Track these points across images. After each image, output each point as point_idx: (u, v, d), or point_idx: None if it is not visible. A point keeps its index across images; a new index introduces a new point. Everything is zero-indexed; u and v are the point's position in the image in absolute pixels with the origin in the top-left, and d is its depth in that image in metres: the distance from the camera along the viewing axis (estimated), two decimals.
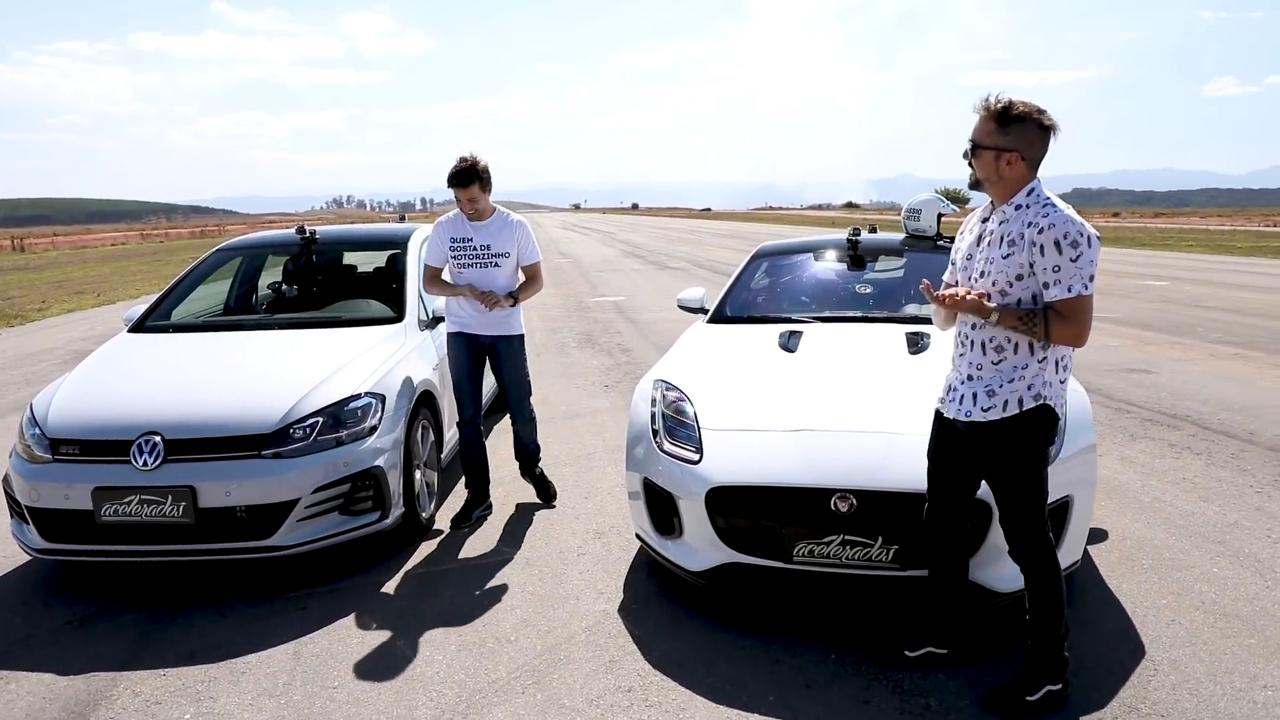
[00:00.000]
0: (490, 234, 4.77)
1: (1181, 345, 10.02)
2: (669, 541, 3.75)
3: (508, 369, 4.92)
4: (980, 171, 2.87)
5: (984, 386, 2.92)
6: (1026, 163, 2.82)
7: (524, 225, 4.86)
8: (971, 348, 2.96)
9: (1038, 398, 2.86)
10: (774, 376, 4.15)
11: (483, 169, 4.62)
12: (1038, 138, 2.81)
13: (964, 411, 2.96)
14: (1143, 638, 3.45)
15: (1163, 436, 6.27)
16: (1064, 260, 2.74)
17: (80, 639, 3.71)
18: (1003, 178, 2.84)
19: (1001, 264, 2.84)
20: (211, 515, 3.88)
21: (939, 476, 3.17)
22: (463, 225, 4.77)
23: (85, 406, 4.16)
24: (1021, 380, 2.86)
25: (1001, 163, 2.81)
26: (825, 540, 3.36)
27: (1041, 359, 2.86)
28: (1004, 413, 2.87)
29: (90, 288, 21.65)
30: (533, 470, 5.20)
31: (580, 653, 3.48)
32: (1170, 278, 18.60)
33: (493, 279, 4.76)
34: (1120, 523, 4.63)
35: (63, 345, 12.07)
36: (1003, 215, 2.88)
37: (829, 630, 3.55)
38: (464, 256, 4.75)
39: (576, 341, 11.18)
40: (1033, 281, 2.81)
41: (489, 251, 4.75)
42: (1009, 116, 2.78)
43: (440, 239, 4.81)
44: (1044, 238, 2.73)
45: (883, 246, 5.69)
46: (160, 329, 5.26)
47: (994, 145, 2.81)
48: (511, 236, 4.80)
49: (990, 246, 2.90)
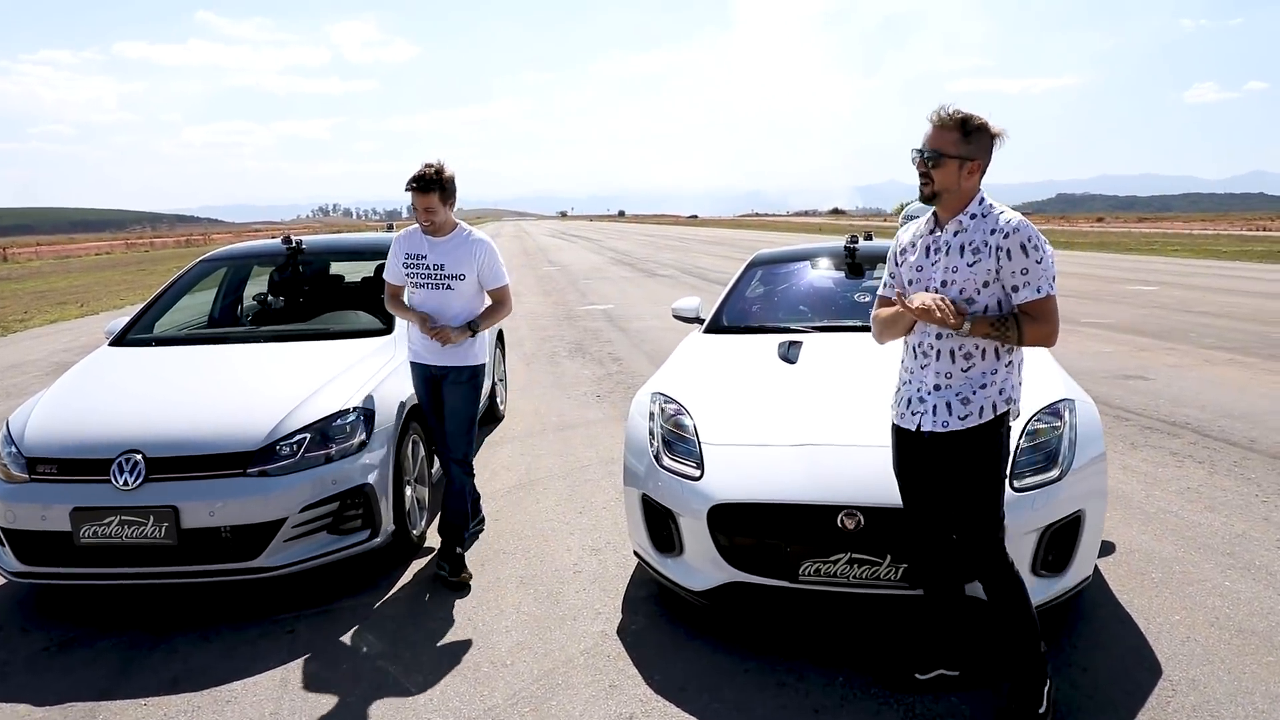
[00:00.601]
0: (445, 252, 4.23)
1: (1175, 351, 9.98)
2: (669, 560, 3.64)
3: (451, 398, 4.31)
4: (941, 182, 2.83)
5: (956, 395, 2.88)
6: (981, 172, 2.85)
7: (487, 245, 4.30)
8: (939, 357, 2.91)
9: (1009, 400, 2.88)
10: (775, 389, 4.04)
11: (447, 178, 4.12)
12: (989, 146, 2.83)
13: (940, 422, 2.89)
14: (1159, 656, 3.35)
15: (1163, 444, 6.19)
16: (1030, 263, 2.76)
17: (58, 666, 3.57)
18: (961, 188, 2.84)
19: (967, 272, 2.82)
20: (195, 536, 3.74)
21: (914, 493, 3.07)
22: (418, 240, 4.28)
23: (63, 424, 4.02)
24: (993, 386, 2.86)
25: (963, 172, 2.81)
26: (832, 559, 3.25)
27: (1008, 363, 2.87)
28: (980, 419, 2.85)
29: (73, 298, 21.40)
30: (455, 544, 4.28)
31: (579, 677, 3.36)
32: (1158, 282, 18.62)
33: (445, 303, 4.23)
34: (1127, 534, 4.54)
35: (44, 357, 11.87)
36: (958, 225, 2.86)
37: (836, 652, 3.44)
38: (416, 275, 4.25)
39: (567, 350, 11.06)
40: (997, 287, 2.82)
41: (441, 272, 4.21)
42: (970, 126, 2.79)
43: (396, 254, 4.33)
44: (1010, 242, 2.76)
45: (880, 254, 5.59)
46: (142, 342, 5.12)
47: (958, 154, 2.79)
48: (470, 257, 4.23)
49: (948, 256, 2.87)
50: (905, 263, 3.03)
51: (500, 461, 6.21)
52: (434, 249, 4.24)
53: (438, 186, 4.08)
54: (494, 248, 4.35)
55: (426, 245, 4.25)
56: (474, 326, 4.25)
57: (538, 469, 6.01)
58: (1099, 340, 10.64)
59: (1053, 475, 3.34)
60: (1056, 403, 3.64)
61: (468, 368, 4.30)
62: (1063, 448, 3.44)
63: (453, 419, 4.32)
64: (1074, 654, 3.38)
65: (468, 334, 4.22)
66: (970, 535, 2.92)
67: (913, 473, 3.04)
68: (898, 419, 3.05)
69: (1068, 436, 3.49)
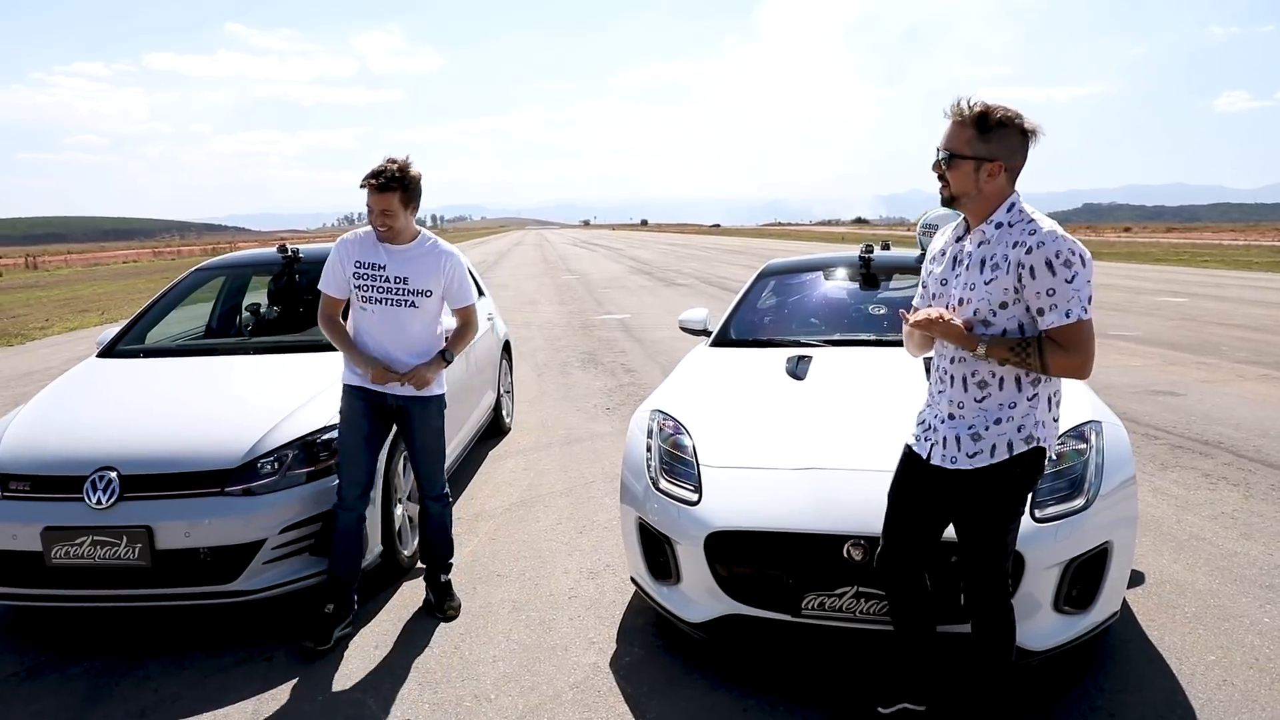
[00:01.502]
0: (408, 262, 3.72)
1: (1206, 365, 9.64)
2: (665, 588, 3.42)
3: (421, 434, 3.84)
4: (957, 185, 2.52)
5: (967, 429, 2.59)
6: (1008, 173, 2.50)
7: (456, 257, 3.83)
8: (952, 383, 2.63)
9: (1029, 440, 2.53)
10: (780, 407, 3.81)
11: (412, 178, 3.62)
12: (1019, 145, 2.49)
13: (948, 458, 2.62)
14: (1192, 701, 3.10)
15: (1195, 465, 5.91)
16: (1058, 282, 2.40)
17: (24, 694, 3.40)
18: (982, 192, 2.51)
19: (983, 290, 2.51)
20: (170, 557, 3.57)
21: (899, 518, 2.81)
22: (373, 247, 3.72)
23: (38, 439, 3.85)
24: (1010, 421, 2.53)
25: (982, 175, 2.48)
26: (837, 592, 3.02)
27: (1032, 396, 2.53)
28: (992, 459, 2.54)
29: (95, 306, 21.48)
30: (439, 575, 4.02)
31: (567, 714, 3.15)
32: (1188, 294, 18.19)
33: (405, 324, 3.73)
34: (1158, 563, 4.28)
35: (59, 365, 11.82)
36: (982, 235, 2.55)
37: (838, 689, 3.21)
38: (371, 289, 3.69)
39: (579, 361, 10.87)
40: (1019, 309, 2.49)
41: (405, 287, 3.69)
42: (989, 122, 2.45)
43: (341, 260, 3.73)
44: (1033, 258, 2.41)
45: (896, 264, 5.37)
46: (131, 353, 4.96)
47: (974, 155, 2.47)
48: (437, 269, 3.74)
49: (969, 270, 2.57)
50: (932, 273, 2.76)
51: (503, 477, 6.02)
52: (394, 258, 3.71)
53: (399, 186, 3.59)
54: (463, 261, 3.91)
55: (385, 254, 3.71)
56: (448, 357, 3.83)
57: (540, 485, 5.81)
58: (1127, 354, 10.32)
59: (1077, 504, 3.09)
60: (1082, 425, 3.40)
61: (435, 397, 3.87)
62: (1088, 474, 3.19)
63: (425, 456, 3.89)
64: (1100, 698, 3.13)
65: (443, 367, 3.81)
66: (972, 575, 2.67)
67: (910, 497, 2.79)
68: (912, 440, 2.81)
69: (1094, 462, 3.25)
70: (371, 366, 3.67)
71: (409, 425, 3.85)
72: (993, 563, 2.64)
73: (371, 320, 3.73)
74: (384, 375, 3.67)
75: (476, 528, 5.05)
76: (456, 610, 3.95)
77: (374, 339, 3.74)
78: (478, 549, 4.72)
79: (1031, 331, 2.51)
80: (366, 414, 3.77)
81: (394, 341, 3.73)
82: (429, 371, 3.74)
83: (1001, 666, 2.70)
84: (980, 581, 2.66)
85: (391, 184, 3.57)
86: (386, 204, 3.60)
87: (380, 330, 3.73)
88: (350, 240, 3.77)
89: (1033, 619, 3.00)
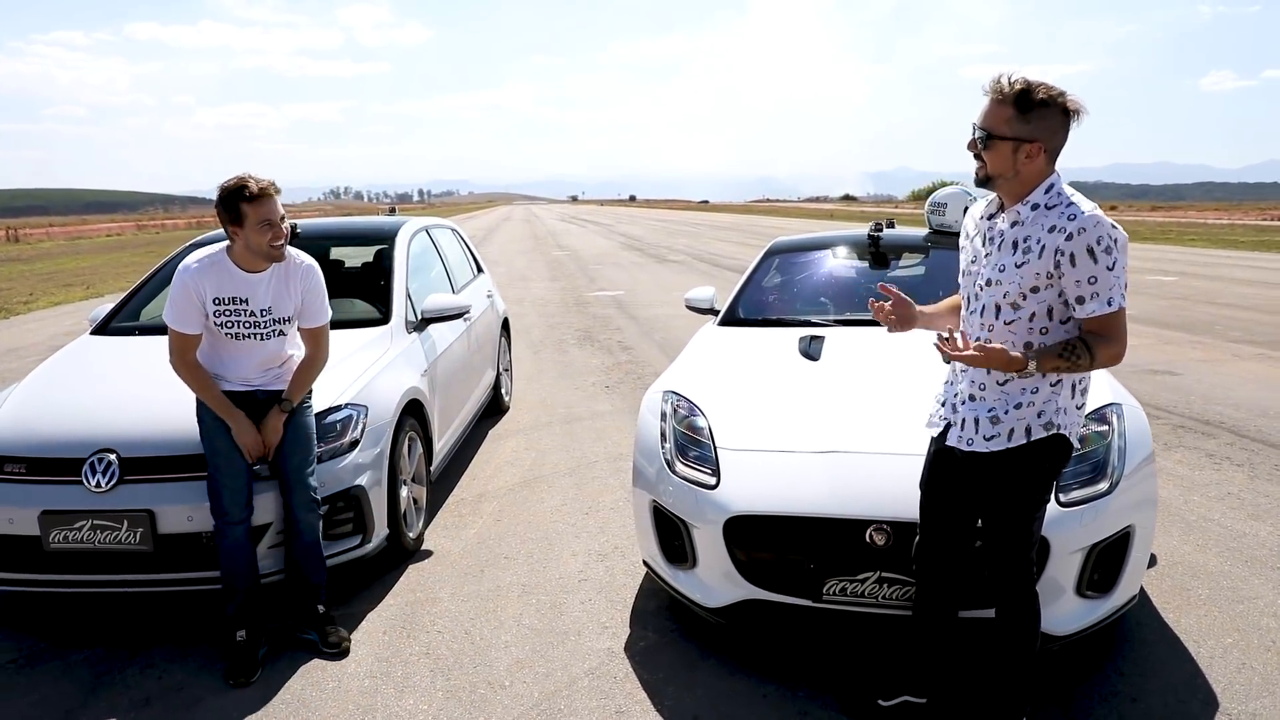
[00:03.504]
0: (272, 289, 3.39)
1: (1202, 345, 9.65)
2: (680, 572, 3.37)
3: (294, 428, 3.48)
4: (994, 166, 2.41)
5: (987, 411, 2.53)
6: (1047, 154, 2.38)
7: (316, 271, 3.52)
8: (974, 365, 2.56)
9: (1049, 426, 2.47)
10: (796, 388, 3.75)
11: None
12: (1060, 125, 2.38)
13: (964, 439, 2.57)
14: (1213, 686, 3.07)
15: (1199, 445, 5.89)
16: (1099, 270, 2.31)
17: (24, 682, 3.32)
18: (1019, 173, 2.40)
19: (1014, 273, 2.42)
20: (172, 542, 3.48)
21: (932, 509, 2.78)
22: (230, 276, 3.33)
23: (34, 419, 3.75)
24: (1031, 407, 2.47)
25: (1020, 156, 2.37)
26: (859, 578, 2.98)
27: (1055, 381, 2.46)
28: (1009, 443, 2.49)
29: (80, 280, 21.20)
30: (314, 605, 3.54)
31: (583, 701, 3.09)
32: (1178, 273, 18.22)
33: (273, 353, 3.48)
34: (1168, 545, 4.26)
35: (45, 340, 11.66)
36: (1016, 215, 2.45)
37: (857, 674, 3.16)
38: (235, 324, 3.36)
39: (575, 338, 10.79)
40: (1050, 294, 2.41)
41: (270, 316, 3.40)
42: (1030, 101, 2.33)
43: (190, 296, 3.30)
44: (1074, 245, 2.32)
45: (906, 243, 5.29)
46: (126, 331, 4.85)
47: (1013, 135, 2.36)
48: (297, 289, 3.45)
49: (999, 251, 2.48)
50: (965, 252, 2.67)
51: (504, 456, 5.95)
52: (255, 288, 3.36)
53: (277, 191, 3.31)
54: (320, 274, 3.56)
55: (244, 283, 3.35)
56: (285, 407, 3.46)
57: (543, 465, 5.75)
58: None
59: (1101, 488, 3.04)
60: (1103, 408, 3.35)
61: (307, 391, 3.58)
62: (1111, 458, 3.15)
63: (298, 451, 3.46)
64: (1121, 682, 3.10)
65: (282, 417, 3.45)
66: (996, 561, 2.62)
67: (935, 485, 2.76)
68: (930, 420, 2.78)
69: (1116, 445, 3.20)
70: (250, 437, 3.38)
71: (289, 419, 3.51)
72: (1016, 550, 2.59)
73: (232, 348, 3.44)
74: (260, 449, 3.42)
75: (480, 508, 4.98)
76: (345, 642, 3.47)
77: (233, 361, 3.46)
78: (483, 530, 4.66)
79: (1060, 315, 2.44)
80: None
81: (251, 364, 3.48)
82: (277, 422, 3.45)
83: (1026, 653, 2.66)
84: (1004, 569, 2.61)
85: (274, 189, 3.30)
86: (280, 208, 3.33)
87: (242, 355, 3.46)
88: (197, 270, 3.33)
89: (1056, 604, 2.97)
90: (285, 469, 3.46)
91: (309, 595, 3.54)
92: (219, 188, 3.33)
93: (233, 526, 3.36)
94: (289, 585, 3.56)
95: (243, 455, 3.39)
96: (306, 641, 3.51)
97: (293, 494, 3.46)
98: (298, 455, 3.48)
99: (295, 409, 3.52)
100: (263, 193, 3.27)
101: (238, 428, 3.38)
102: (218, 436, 3.39)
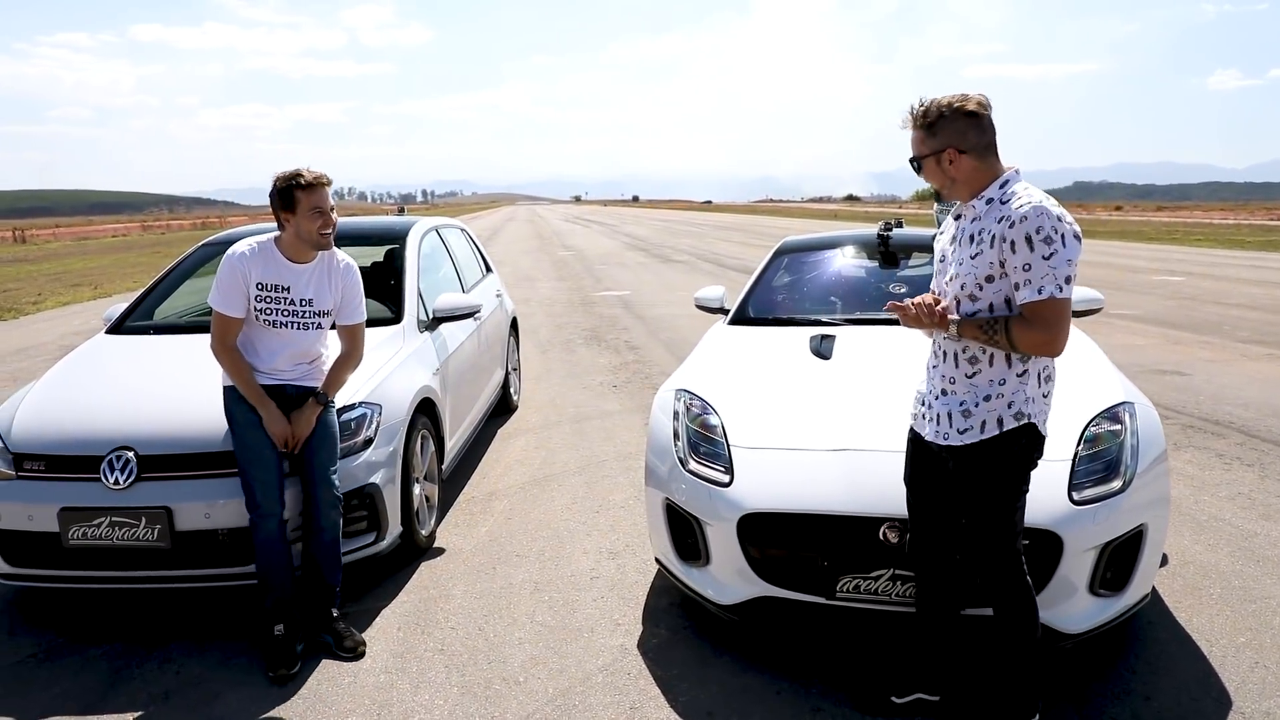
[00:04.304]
0: (314, 282, 3.51)
1: (1210, 345, 9.64)
2: (694, 570, 3.39)
3: (320, 424, 3.52)
4: (931, 180, 2.64)
5: (958, 404, 2.61)
6: (969, 154, 2.53)
7: (355, 270, 3.67)
8: (945, 359, 2.67)
9: (1019, 416, 2.55)
10: (808, 386, 3.77)
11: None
12: (969, 126, 2.53)
13: (940, 433, 2.65)
14: (1226, 684, 3.08)
15: (1208, 445, 5.90)
16: (1035, 258, 2.41)
17: (43, 676, 3.35)
18: (955, 179, 2.59)
19: (970, 265, 2.55)
20: (189, 539, 3.51)
21: (919, 505, 2.84)
22: (276, 264, 3.46)
23: (53, 417, 3.78)
24: (1000, 398, 2.55)
25: (944, 163, 2.56)
26: (873, 575, 3.00)
27: (1021, 372, 2.55)
28: (982, 434, 2.56)
29: (88, 280, 21.30)
30: (328, 608, 3.53)
31: (597, 698, 3.12)
32: (1184, 273, 18.21)
33: (308, 346, 3.55)
34: (1179, 544, 4.27)
35: (55, 340, 11.71)
36: (974, 211, 2.60)
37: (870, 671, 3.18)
38: (275, 312, 3.46)
39: (583, 338, 10.82)
40: (1005, 284, 2.51)
41: (311, 309, 3.51)
42: (928, 118, 2.55)
43: (236, 279, 3.41)
44: (1014, 232, 2.43)
45: (915, 243, 5.31)
46: (141, 330, 4.88)
47: (929, 151, 2.57)
48: (337, 285, 3.58)
49: (962, 246, 2.62)
50: (937, 251, 2.83)
51: (514, 455, 5.98)
52: (298, 279, 3.48)
53: (330, 182, 3.47)
54: (359, 272, 3.71)
55: (289, 272, 3.47)
56: (322, 399, 3.54)
57: (553, 463, 5.77)
58: (1129, 333, 10.31)
59: (1114, 486, 3.06)
60: (1115, 406, 3.36)
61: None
62: (1124, 456, 3.16)
63: (324, 448, 3.51)
64: (1134, 680, 3.11)
65: (318, 410, 3.51)
66: (979, 556, 2.65)
67: (917, 481, 2.83)
68: (910, 419, 2.86)
69: (1129, 443, 3.21)
70: (280, 427, 3.42)
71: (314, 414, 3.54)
72: (998, 542, 2.62)
73: (269, 337, 3.51)
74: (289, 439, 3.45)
75: (491, 507, 5.01)
76: (361, 646, 3.46)
77: (266, 351, 3.52)
78: (495, 528, 4.68)
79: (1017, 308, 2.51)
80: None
81: (285, 354, 3.53)
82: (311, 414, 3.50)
83: (1029, 647, 2.67)
84: (990, 563, 2.64)
85: (326, 180, 3.47)
86: (330, 199, 3.48)
87: (276, 346, 3.52)
88: (246, 255, 3.45)
89: (1068, 602, 2.98)
90: (311, 464, 3.49)
91: (324, 597, 3.54)
92: (275, 177, 3.46)
93: (266, 520, 3.39)
94: (304, 584, 3.56)
95: (273, 449, 3.43)
96: (320, 640, 3.53)
97: (317, 490, 3.48)
98: (324, 451, 3.52)
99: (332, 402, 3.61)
100: (316, 181, 3.43)
101: (268, 416, 3.42)
102: (247, 431, 3.42)
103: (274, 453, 3.43)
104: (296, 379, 3.56)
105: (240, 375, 3.45)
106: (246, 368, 3.47)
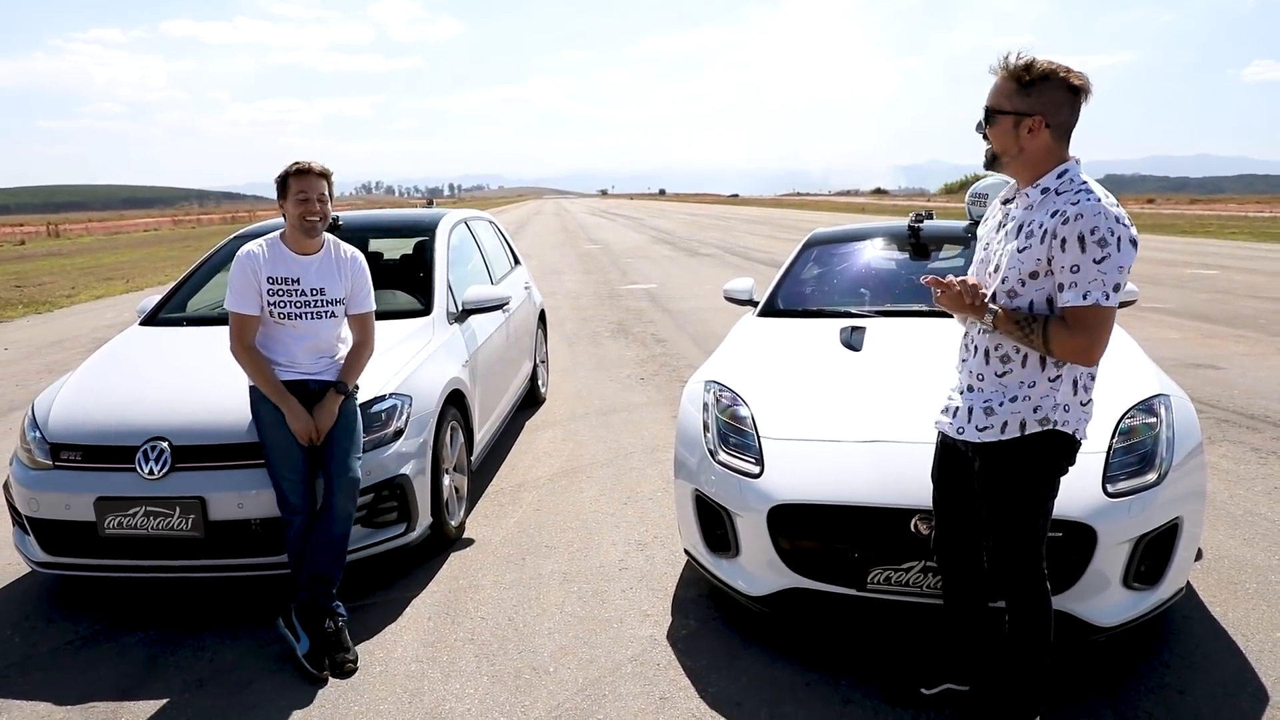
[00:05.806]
0: (323, 272, 3.57)
1: (1245, 339, 9.49)
2: (723, 561, 3.38)
3: (342, 413, 3.55)
4: (997, 143, 2.41)
5: (982, 401, 2.50)
6: (1052, 130, 2.34)
7: (361, 259, 3.71)
8: (975, 353, 2.54)
9: (1044, 421, 2.41)
10: (839, 378, 3.75)
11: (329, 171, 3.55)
12: (1066, 100, 2.33)
13: (957, 428, 2.55)
14: (1263, 679, 3.04)
15: (1243, 439, 5.81)
16: (1085, 260, 2.24)
17: (81, 662, 3.41)
18: (1024, 150, 2.37)
19: (1015, 258, 2.37)
20: (223, 528, 3.55)
21: (944, 500, 2.78)
22: (283, 258, 3.53)
23: (89, 408, 3.84)
24: (1026, 401, 2.42)
25: (1022, 130, 2.34)
26: (904, 567, 2.98)
27: (1054, 376, 2.41)
28: (1001, 435, 2.44)
29: (120, 274, 21.57)
30: (324, 614, 3.39)
31: (627, 687, 3.12)
32: (1219, 266, 17.92)
33: (319, 333, 3.58)
34: (1214, 538, 4.21)
35: (87, 333, 11.88)
36: (1027, 200, 2.41)
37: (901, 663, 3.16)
38: (288, 304, 3.51)
39: (610, 331, 10.82)
40: (1049, 282, 2.34)
41: (323, 298, 3.56)
42: (1031, 75, 2.31)
43: (248, 276, 3.48)
44: (1068, 229, 2.25)
45: (946, 234, 5.27)
46: (174, 322, 4.94)
47: (1013, 110, 2.34)
48: (346, 274, 3.63)
49: (1009, 237, 2.43)
50: (982, 237, 2.65)
51: (542, 447, 6.00)
52: (307, 270, 3.54)
53: (328, 172, 3.54)
54: (364, 261, 3.75)
55: (298, 265, 3.54)
56: (341, 389, 3.56)
57: (581, 456, 5.79)
58: (1163, 326, 10.17)
59: (1150, 479, 3.02)
60: (1151, 399, 3.32)
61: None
62: (1159, 449, 3.13)
63: (346, 437, 3.52)
64: (1168, 674, 3.08)
65: (339, 400, 3.55)
66: (999, 554, 2.56)
67: (944, 477, 2.77)
68: (939, 415, 2.75)
69: (1164, 436, 3.17)
70: (303, 423, 3.45)
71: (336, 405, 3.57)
72: (1016, 545, 2.51)
73: (286, 332, 3.55)
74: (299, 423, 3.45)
75: (520, 498, 5.03)
76: (354, 662, 3.29)
77: (284, 347, 3.57)
78: (523, 519, 4.70)
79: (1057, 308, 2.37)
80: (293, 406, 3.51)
81: (303, 348, 3.58)
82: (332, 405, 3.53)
83: (1037, 649, 2.58)
84: (1007, 565, 2.54)
85: (321, 169, 3.52)
86: (321, 189, 3.51)
87: (293, 341, 3.57)
88: (255, 253, 3.52)
89: (1102, 595, 2.95)
90: (332, 452, 3.50)
91: (320, 590, 3.40)
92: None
93: (296, 517, 3.44)
94: (304, 571, 3.42)
95: (299, 447, 3.46)
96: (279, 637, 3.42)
97: (335, 478, 3.47)
98: (345, 440, 3.53)
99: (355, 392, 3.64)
100: (308, 168, 3.50)
101: (291, 412, 3.45)
102: (273, 430, 3.46)
103: (300, 451, 3.47)
104: (318, 373, 3.60)
105: (261, 374, 3.50)
106: (267, 366, 3.52)
